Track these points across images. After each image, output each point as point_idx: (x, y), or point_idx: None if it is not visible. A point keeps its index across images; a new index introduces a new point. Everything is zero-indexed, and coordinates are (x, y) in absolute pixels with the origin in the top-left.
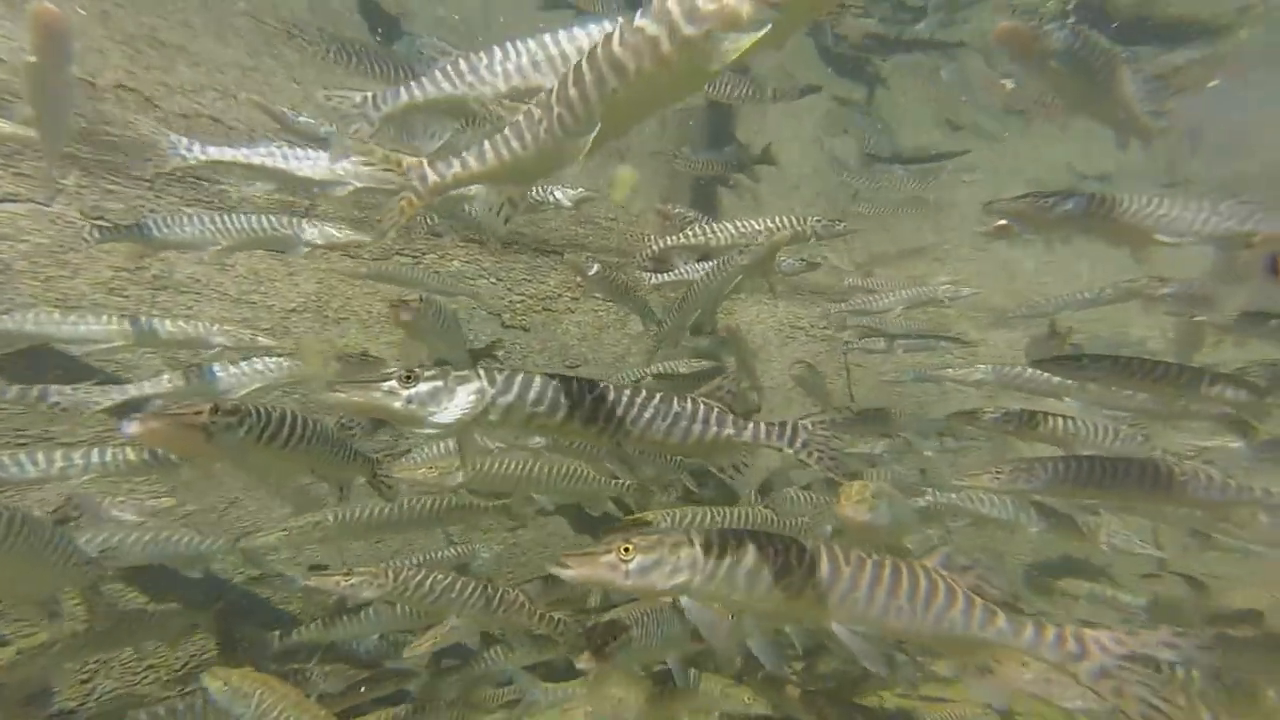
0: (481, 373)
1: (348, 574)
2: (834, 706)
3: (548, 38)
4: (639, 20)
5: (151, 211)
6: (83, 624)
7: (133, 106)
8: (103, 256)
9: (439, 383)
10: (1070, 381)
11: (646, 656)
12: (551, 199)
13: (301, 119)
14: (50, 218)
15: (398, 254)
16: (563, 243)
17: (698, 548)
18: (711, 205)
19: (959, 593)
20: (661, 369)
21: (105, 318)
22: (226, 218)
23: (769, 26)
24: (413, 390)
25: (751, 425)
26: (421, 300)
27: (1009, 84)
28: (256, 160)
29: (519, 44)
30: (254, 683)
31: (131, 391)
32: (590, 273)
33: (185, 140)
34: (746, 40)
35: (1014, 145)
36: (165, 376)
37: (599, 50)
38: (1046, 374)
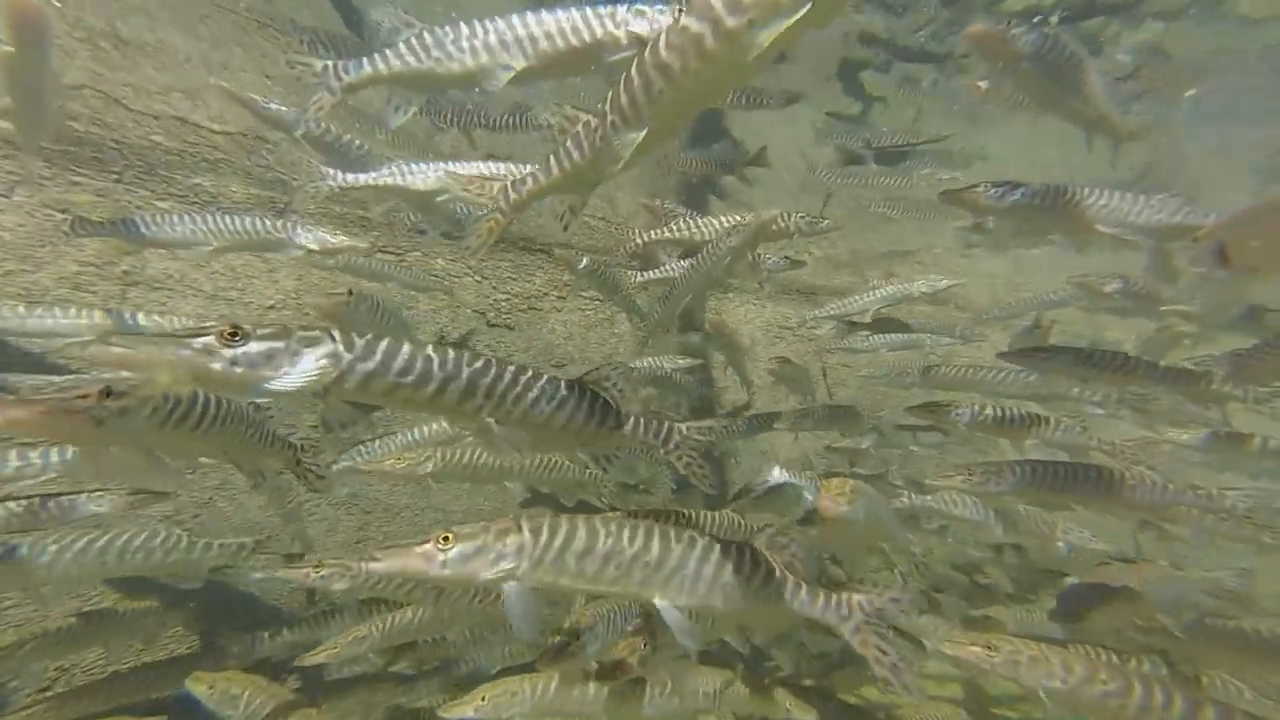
0: (336, 334)
1: (318, 565)
2: (816, 700)
3: (515, 18)
4: (683, 19)
5: (139, 208)
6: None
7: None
8: (69, 251)
9: (277, 343)
10: (996, 379)
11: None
12: None
13: (273, 106)
14: (11, 210)
15: (380, 251)
16: (549, 241)
17: (526, 534)
18: (702, 203)
19: (775, 569)
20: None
21: (74, 311)
22: (220, 218)
23: (805, 9)
24: (239, 350)
25: (631, 419)
26: (351, 293)
27: (984, 85)
28: (382, 181)
29: (486, 23)
30: (241, 684)
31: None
32: (580, 267)
33: (332, 170)
34: (784, 24)
35: (1005, 148)
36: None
37: (646, 54)
38: (963, 372)
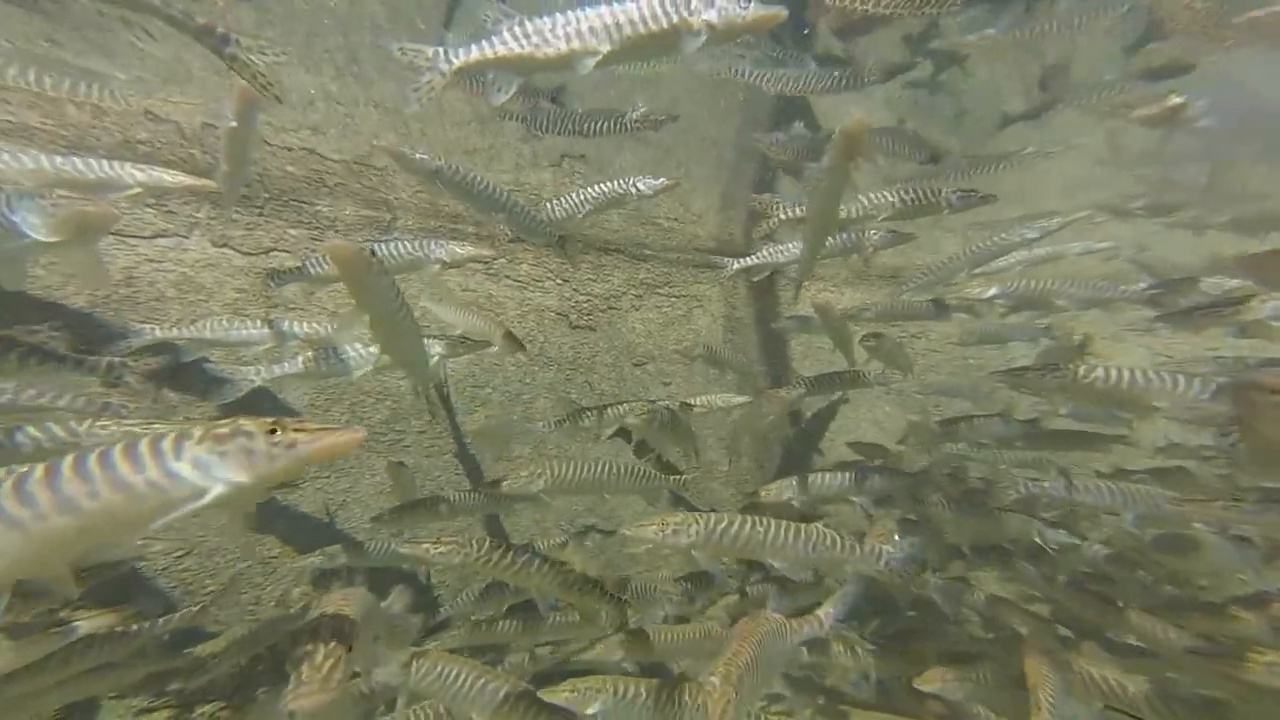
0: None
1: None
2: None
3: (604, 8)
4: None
5: (310, 251)
6: None
7: None
8: (228, 280)
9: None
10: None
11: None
12: (634, 190)
13: (419, 156)
14: (191, 249)
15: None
16: (624, 242)
17: None
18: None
19: None
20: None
21: (258, 324)
22: (377, 248)
23: None
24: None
25: None
26: (374, 253)
27: None
28: None
29: (577, 12)
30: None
31: (277, 370)
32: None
33: None
34: None
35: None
36: (299, 358)
37: None
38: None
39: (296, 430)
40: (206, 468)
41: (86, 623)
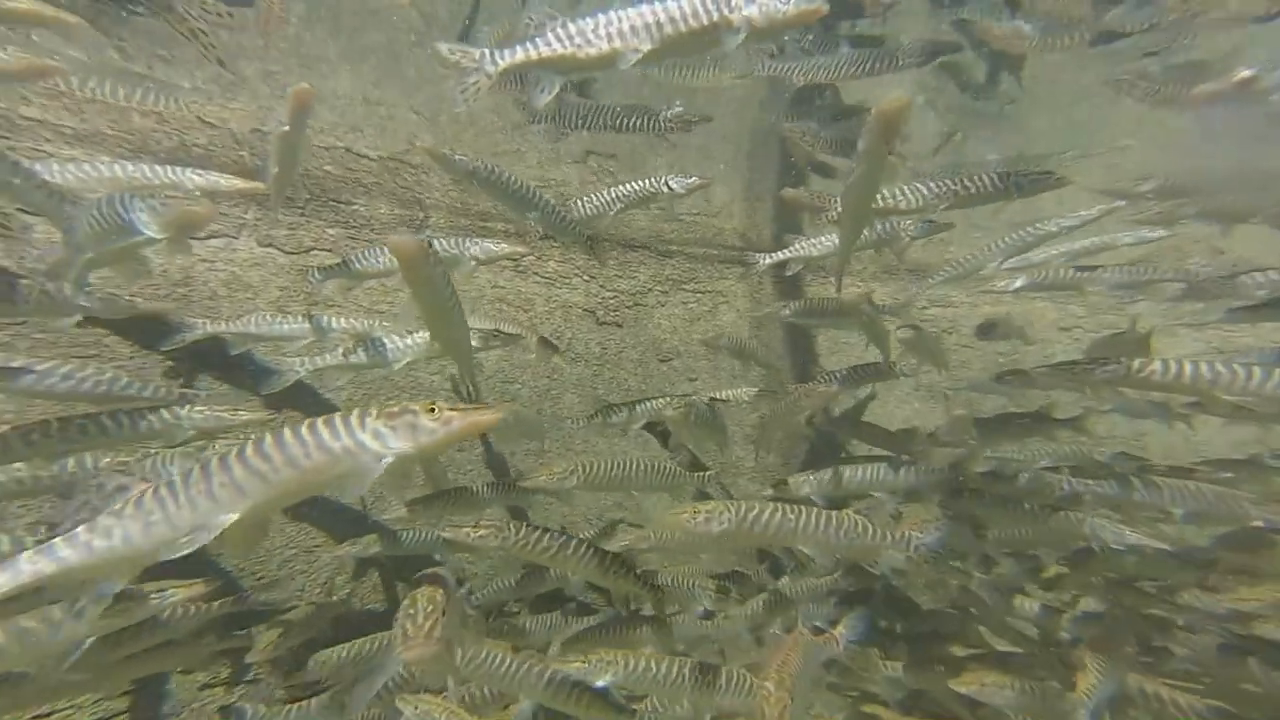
0: None
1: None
2: None
3: (644, 7)
4: None
5: (351, 246)
6: None
7: None
8: (273, 279)
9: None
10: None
11: None
12: (665, 189)
13: (459, 158)
14: (239, 249)
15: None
16: (649, 237)
17: None
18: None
19: None
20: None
21: (300, 319)
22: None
23: None
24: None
25: None
26: (431, 245)
27: None
28: None
29: (620, 12)
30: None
31: (319, 361)
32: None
33: None
34: None
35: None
36: (340, 349)
37: None
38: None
39: (450, 409)
40: (383, 438)
41: (178, 593)
